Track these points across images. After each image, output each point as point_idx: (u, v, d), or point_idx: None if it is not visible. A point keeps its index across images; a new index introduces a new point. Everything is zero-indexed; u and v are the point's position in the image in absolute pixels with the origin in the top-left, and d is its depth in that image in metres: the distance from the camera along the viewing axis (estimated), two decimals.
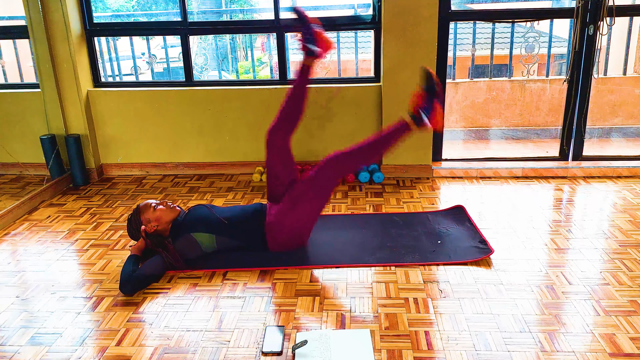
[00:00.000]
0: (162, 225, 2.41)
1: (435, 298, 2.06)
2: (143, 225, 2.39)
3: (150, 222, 2.39)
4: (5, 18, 3.83)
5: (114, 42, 4.06)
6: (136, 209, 2.45)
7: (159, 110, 3.64)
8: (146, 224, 2.39)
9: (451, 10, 3.34)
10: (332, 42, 2.44)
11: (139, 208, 2.44)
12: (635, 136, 5.14)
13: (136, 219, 2.41)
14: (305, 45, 2.39)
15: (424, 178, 3.51)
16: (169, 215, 2.43)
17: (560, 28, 5.04)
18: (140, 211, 2.43)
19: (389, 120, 3.41)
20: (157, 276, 2.26)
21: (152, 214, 2.40)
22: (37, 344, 1.86)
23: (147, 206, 2.43)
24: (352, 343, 1.79)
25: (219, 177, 3.67)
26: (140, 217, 2.41)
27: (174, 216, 2.43)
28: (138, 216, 2.41)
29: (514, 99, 5.14)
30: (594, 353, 1.72)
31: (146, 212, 2.41)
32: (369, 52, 3.92)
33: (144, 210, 2.42)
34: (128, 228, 2.45)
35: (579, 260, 2.34)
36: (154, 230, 2.40)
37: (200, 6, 6.64)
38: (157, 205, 2.44)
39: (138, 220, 2.41)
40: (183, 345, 1.82)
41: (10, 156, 3.69)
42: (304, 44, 2.39)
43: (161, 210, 2.42)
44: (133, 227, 2.42)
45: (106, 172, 3.81)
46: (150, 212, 2.41)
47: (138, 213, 2.42)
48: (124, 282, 2.16)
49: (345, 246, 2.52)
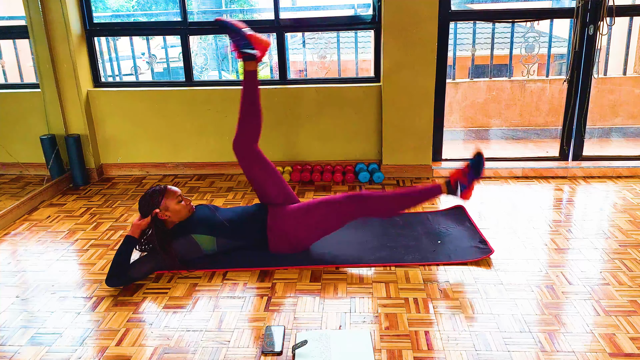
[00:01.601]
0: (173, 219, 2.34)
1: (435, 298, 2.06)
2: (158, 209, 2.29)
3: (167, 211, 2.30)
4: (5, 18, 3.83)
5: (114, 42, 4.06)
6: (163, 188, 2.33)
7: (159, 110, 3.64)
8: (162, 209, 2.29)
9: (451, 10, 3.34)
10: (268, 40, 2.41)
11: (166, 190, 2.33)
12: (635, 136, 5.14)
13: (158, 199, 2.30)
14: (241, 51, 2.36)
15: (424, 178, 3.51)
16: (184, 214, 2.35)
17: (560, 28, 5.03)
18: (165, 194, 2.32)
19: (389, 121, 3.42)
20: (145, 277, 2.26)
21: (174, 204, 2.31)
22: (37, 344, 1.86)
23: (175, 194, 2.33)
24: (352, 343, 1.79)
25: (219, 177, 3.67)
26: (161, 198, 2.31)
27: (186, 217, 2.37)
28: (161, 197, 2.30)
29: (514, 99, 5.14)
30: (594, 353, 1.72)
31: (171, 198, 2.31)
32: (369, 52, 3.92)
33: (170, 196, 2.32)
34: (145, 199, 2.31)
35: (579, 260, 2.34)
36: (163, 218, 2.31)
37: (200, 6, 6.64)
38: (182, 198, 2.36)
39: (159, 201, 2.30)
40: (183, 345, 1.82)
41: (10, 156, 3.69)
42: (240, 50, 2.36)
43: (182, 206, 2.34)
44: (150, 203, 2.29)
45: (106, 172, 3.81)
46: (174, 201, 2.32)
47: (163, 194, 2.31)
48: (112, 276, 2.15)
49: (345, 246, 2.52)
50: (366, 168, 3.50)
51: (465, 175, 2.39)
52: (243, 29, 2.36)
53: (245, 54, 2.37)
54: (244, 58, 2.39)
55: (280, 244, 2.39)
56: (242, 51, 2.37)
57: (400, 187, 2.40)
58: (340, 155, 3.64)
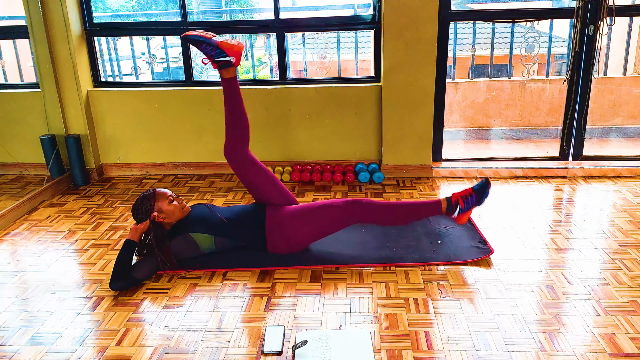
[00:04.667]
0: (169, 220, 2.36)
1: (435, 298, 2.06)
2: (155, 212, 2.31)
3: (162, 213, 2.33)
4: (5, 18, 3.83)
5: (114, 42, 4.06)
6: (153, 192, 2.36)
7: (159, 110, 3.64)
8: (158, 212, 2.32)
9: (451, 10, 3.34)
10: (240, 43, 2.32)
11: (155, 193, 2.36)
12: (635, 136, 5.14)
13: (150, 202, 2.32)
14: (216, 60, 2.30)
15: (424, 178, 3.51)
16: (179, 214, 2.37)
17: (560, 28, 5.04)
18: (156, 197, 2.35)
19: (389, 120, 3.42)
20: (148, 278, 2.27)
21: (167, 206, 2.34)
22: (37, 344, 1.86)
23: (164, 195, 2.36)
24: (352, 343, 1.79)
25: (219, 177, 3.67)
26: (154, 202, 2.33)
27: (181, 216, 2.38)
28: (153, 200, 2.33)
29: (514, 99, 5.14)
30: (594, 353, 1.72)
31: (162, 200, 2.34)
32: (369, 52, 3.92)
33: (160, 198, 2.34)
34: (138, 206, 2.34)
35: (579, 260, 2.34)
36: (159, 221, 2.33)
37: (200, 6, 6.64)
38: (173, 198, 2.38)
39: (151, 205, 2.32)
40: (183, 345, 1.82)
41: (10, 156, 3.69)
42: (214, 60, 2.30)
43: (175, 206, 2.36)
44: (144, 207, 2.32)
45: (106, 172, 3.81)
46: (165, 202, 2.34)
47: (154, 197, 2.34)
48: (116, 280, 2.16)
49: (345, 246, 2.52)
50: (366, 168, 3.50)
51: (467, 199, 2.39)
52: (212, 39, 2.28)
53: (220, 62, 2.31)
54: (219, 67, 2.32)
55: (278, 243, 2.38)
56: (216, 60, 2.30)
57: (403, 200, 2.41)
58: (340, 155, 3.64)
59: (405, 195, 3.19)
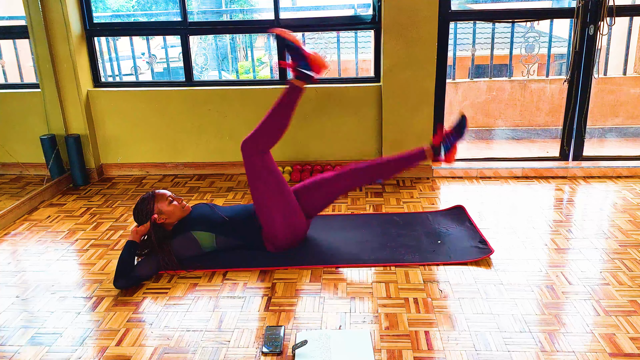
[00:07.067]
0: (170, 221, 2.38)
1: (435, 298, 2.06)
2: (155, 214, 2.33)
3: (162, 214, 2.35)
4: (5, 18, 3.83)
5: (114, 42, 4.07)
6: (152, 194, 2.38)
7: (159, 110, 3.64)
8: (158, 213, 2.34)
9: (451, 10, 3.34)
10: (326, 62, 2.30)
11: (155, 195, 2.38)
12: (635, 136, 5.14)
13: (150, 204, 2.34)
14: (298, 70, 2.26)
15: (424, 178, 3.51)
16: (179, 214, 2.39)
17: (560, 28, 5.04)
18: (156, 198, 2.36)
19: (389, 121, 3.42)
20: (151, 276, 2.27)
21: (166, 207, 2.36)
22: (37, 344, 1.86)
23: (164, 196, 2.38)
24: (352, 343, 1.79)
25: (219, 177, 3.67)
26: (154, 204, 2.35)
27: (182, 216, 2.40)
28: (152, 202, 2.35)
29: (514, 99, 5.14)
30: (594, 353, 1.72)
31: (161, 201, 2.36)
32: (369, 52, 3.92)
33: (160, 199, 2.36)
34: (138, 208, 2.36)
35: (579, 260, 2.34)
36: (161, 222, 2.35)
37: (200, 6, 6.65)
38: (172, 199, 2.40)
39: (151, 207, 2.34)
40: (183, 345, 1.82)
41: (10, 156, 3.69)
42: (296, 68, 2.26)
43: (174, 207, 2.38)
44: (144, 210, 2.34)
45: (106, 172, 3.81)
46: (165, 203, 2.36)
47: (153, 199, 2.36)
48: (119, 278, 2.17)
49: (345, 246, 2.52)
50: None
51: (449, 136, 2.43)
52: (302, 47, 2.27)
53: (301, 73, 2.27)
54: (297, 76, 2.27)
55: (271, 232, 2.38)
56: (298, 69, 2.27)
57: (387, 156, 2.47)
58: (340, 155, 3.64)
59: (406, 196, 3.19)
